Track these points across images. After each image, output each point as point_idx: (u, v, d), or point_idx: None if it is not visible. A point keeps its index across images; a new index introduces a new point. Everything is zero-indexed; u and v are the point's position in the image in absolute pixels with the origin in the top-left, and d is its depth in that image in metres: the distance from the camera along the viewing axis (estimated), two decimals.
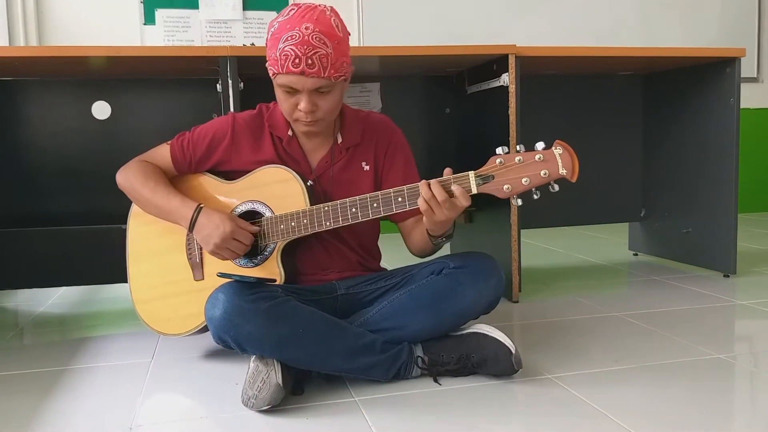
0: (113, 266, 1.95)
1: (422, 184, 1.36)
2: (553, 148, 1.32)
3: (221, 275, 1.44)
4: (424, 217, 1.40)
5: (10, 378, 1.61)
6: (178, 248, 1.65)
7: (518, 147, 1.33)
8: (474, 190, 1.34)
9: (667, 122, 2.73)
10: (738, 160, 2.43)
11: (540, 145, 1.32)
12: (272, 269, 1.55)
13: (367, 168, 1.62)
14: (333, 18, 1.44)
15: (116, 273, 1.92)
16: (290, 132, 1.59)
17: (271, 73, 1.47)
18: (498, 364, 1.46)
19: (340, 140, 1.60)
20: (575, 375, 1.51)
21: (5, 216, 2.28)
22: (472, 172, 1.34)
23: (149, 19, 3.73)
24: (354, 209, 1.45)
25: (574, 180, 1.31)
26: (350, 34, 1.50)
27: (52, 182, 2.30)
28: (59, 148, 2.31)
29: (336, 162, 1.60)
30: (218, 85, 2.05)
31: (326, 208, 1.48)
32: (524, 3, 4.16)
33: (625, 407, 1.33)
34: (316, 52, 1.39)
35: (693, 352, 1.66)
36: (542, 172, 1.31)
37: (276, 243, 1.55)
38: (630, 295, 2.36)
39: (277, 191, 1.55)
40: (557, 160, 1.31)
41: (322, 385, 1.47)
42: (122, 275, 1.74)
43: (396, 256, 2.01)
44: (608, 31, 4.25)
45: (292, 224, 1.51)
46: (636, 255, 3.06)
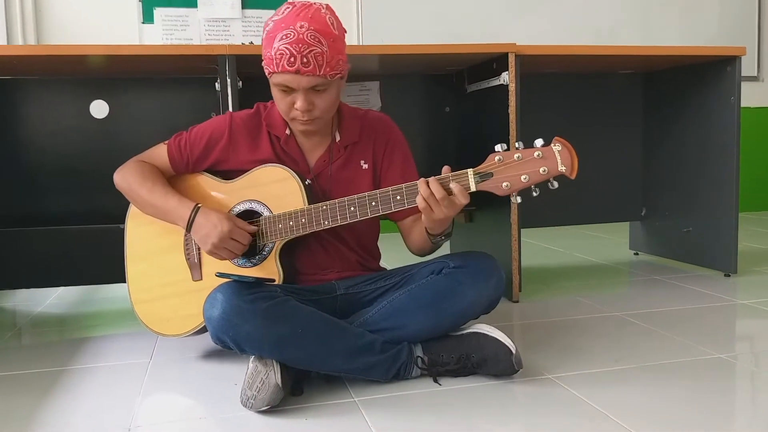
0: (112, 266, 1.94)
1: (421, 182, 1.35)
2: (552, 145, 1.31)
3: (220, 275, 1.43)
4: (423, 216, 1.39)
5: (9, 378, 1.61)
6: (176, 248, 1.64)
7: (517, 144, 1.32)
8: (473, 188, 1.34)
9: (668, 121, 2.72)
10: (739, 159, 2.43)
11: (539, 142, 1.31)
12: (271, 269, 1.54)
13: (366, 166, 1.61)
14: (328, 16, 1.43)
15: (115, 273, 1.91)
16: (288, 131, 1.58)
17: (267, 72, 1.46)
18: (498, 364, 1.45)
19: (338, 139, 1.60)
20: (575, 375, 1.51)
21: (3, 216, 2.27)
22: (471, 170, 1.34)
23: (147, 18, 3.72)
24: (353, 208, 1.44)
25: (573, 177, 1.30)
26: (346, 32, 1.49)
27: (51, 182, 2.30)
28: (57, 148, 2.30)
29: (334, 161, 1.60)
30: (217, 84, 2.04)
31: (324, 207, 1.47)
32: (524, 2, 4.15)
33: (626, 407, 1.32)
34: (311, 51, 1.39)
35: (694, 352, 1.65)
36: (541, 169, 1.30)
37: (274, 242, 1.54)
38: (630, 295, 2.35)
39: (275, 190, 1.54)
40: (556, 157, 1.30)
41: (322, 386, 1.47)
42: (121, 275, 1.73)
43: (396, 256, 2.00)
44: (608, 30, 4.24)
45: (291, 223, 1.50)
46: (637, 254, 3.05)
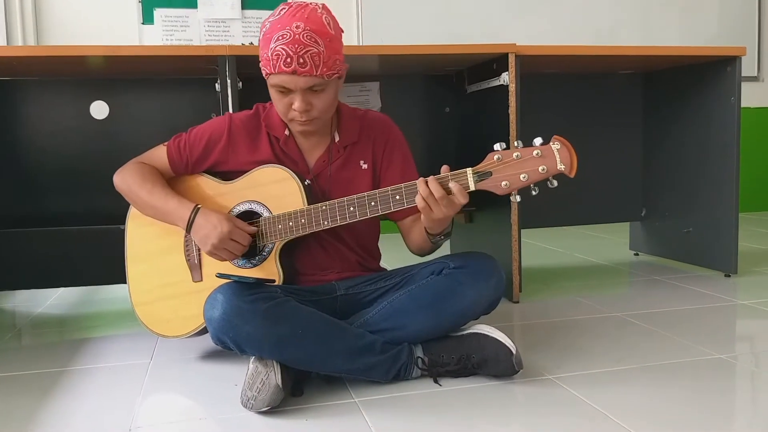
0: (112, 267, 1.95)
1: (420, 182, 1.35)
2: (551, 144, 1.30)
3: (220, 276, 1.43)
4: (422, 215, 1.39)
5: (9, 379, 1.61)
6: (176, 250, 1.64)
7: (516, 143, 1.32)
8: (472, 187, 1.34)
9: (668, 121, 2.72)
10: (739, 160, 2.43)
11: (538, 141, 1.31)
12: (271, 269, 1.54)
13: (365, 166, 1.61)
14: (324, 15, 1.43)
15: (115, 273, 1.91)
16: (287, 131, 1.58)
17: (264, 74, 1.46)
18: (498, 365, 1.45)
19: (338, 139, 1.60)
20: (576, 375, 1.50)
21: (3, 216, 2.27)
22: (470, 169, 1.34)
23: (147, 19, 3.72)
24: (352, 208, 1.44)
25: (573, 175, 1.30)
26: (343, 32, 1.49)
27: (51, 182, 2.30)
28: (57, 148, 2.30)
29: (334, 161, 1.60)
30: (217, 85, 2.04)
31: (324, 208, 1.47)
32: (524, 2, 4.15)
33: (626, 407, 1.32)
34: (308, 51, 1.39)
35: (694, 352, 1.65)
36: (540, 168, 1.30)
37: (274, 243, 1.54)
38: (631, 295, 2.35)
39: (275, 191, 1.54)
40: (555, 156, 1.29)
41: (322, 386, 1.47)
42: (121, 276, 1.73)
43: (396, 257, 2.00)
44: (608, 30, 4.24)
45: (290, 224, 1.50)
46: (637, 255, 3.05)
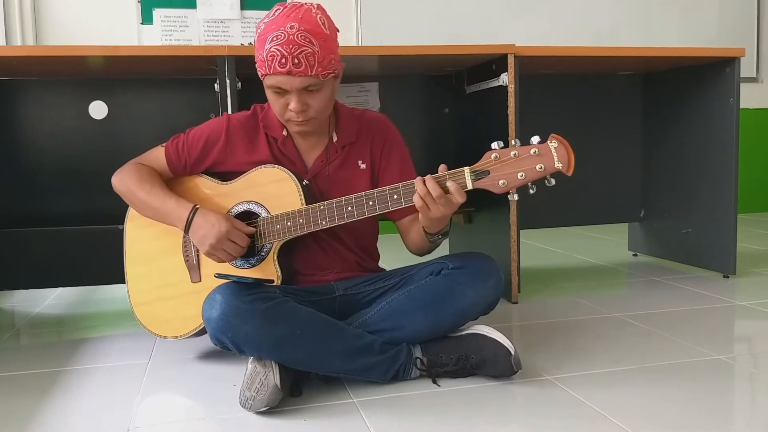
0: (111, 267, 1.94)
1: (417, 181, 1.35)
2: (549, 142, 1.30)
3: (218, 276, 1.43)
4: (420, 214, 1.39)
5: (7, 379, 1.61)
6: (175, 250, 1.64)
7: (513, 141, 1.32)
8: (469, 186, 1.34)
9: (667, 122, 2.72)
10: (738, 160, 2.43)
11: (535, 139, 1.30)
12: (269, 270, 1.54)
13: (363, 166, 1.61)
14: (319, 15, 1.43)
15: (114, 273, 1.91)
16: (285, 132, 1.58)
17: (260, 75, 1.46)
18: (497, 365, 1.45)
19: (336, 139, 1.59)
20: (574, 376, 1.50)
21: (3, 216, 2.27)
22: (467, 168, 1.33)
23: (147, 19, 3.72)
24: (350, 208, 1.44)
25: (570, 173, 1.29)
26: (339, 31, 1.48)
27: (50, 182, 2.30)
28: (56, 148, 2.30)
29: (332, 161, 1.59)
30: (216, 85, 2.04)
31: (322, 207, 1.47)
32: (523, 2, 4.16)
33: (625, 408, 1.32)
34: (302, 51, 1.38)
35: (692, 353, 1.65)
36: (538, 167, 1.30)
37: (272, 243, 1.54)
38: (629, 296, 2.35)
39: (273, 191, 1.54)
40: (553, 154, 1.29)
41: (321, 387, 1.47)
42: (120, 276, 1.73)
43: (395, 257, 2.00)
44: (608, 31, 4.24)
45: (288, 224, 1.50)
46: (635, 255, 3.05)
